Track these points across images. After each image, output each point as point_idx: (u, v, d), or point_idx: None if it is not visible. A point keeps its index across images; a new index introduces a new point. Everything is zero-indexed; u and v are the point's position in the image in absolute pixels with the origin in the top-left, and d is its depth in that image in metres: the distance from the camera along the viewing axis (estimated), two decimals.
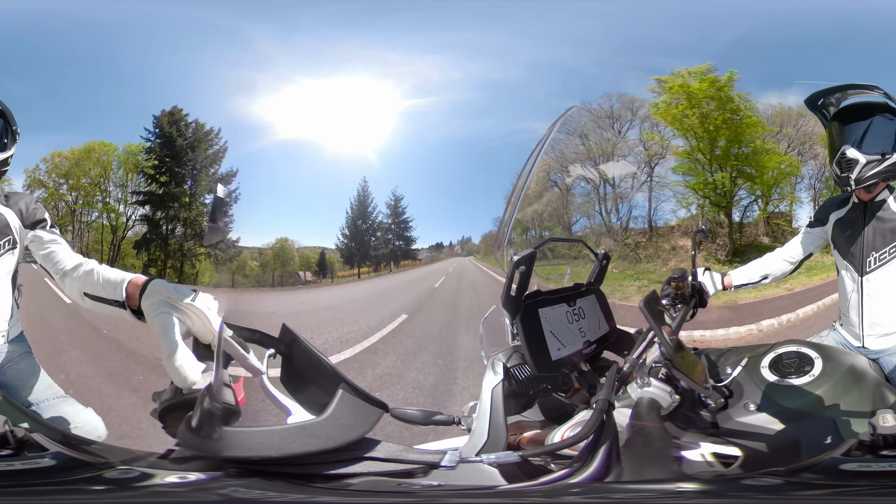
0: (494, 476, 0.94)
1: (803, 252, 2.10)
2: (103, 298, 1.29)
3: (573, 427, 1.16)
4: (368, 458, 0.93)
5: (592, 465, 0.91)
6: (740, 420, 1.16)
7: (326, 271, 13.70)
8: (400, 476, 0.93)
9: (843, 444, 0.95)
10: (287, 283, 12.53)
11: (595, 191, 10.21)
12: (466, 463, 0.95)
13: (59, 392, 1.81)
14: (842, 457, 0.92)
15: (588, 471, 0.91)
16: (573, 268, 1.63)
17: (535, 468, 1.00)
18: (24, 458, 0.94)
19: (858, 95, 1.84)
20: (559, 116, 1.89)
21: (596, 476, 0.90)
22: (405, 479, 0.93)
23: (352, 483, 0.91)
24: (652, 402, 1.13)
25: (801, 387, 1.19)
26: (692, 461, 1.08)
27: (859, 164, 1.78)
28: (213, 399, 0.87)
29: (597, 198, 10.24)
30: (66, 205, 11.30)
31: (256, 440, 0.88)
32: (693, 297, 1.61)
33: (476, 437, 1.03)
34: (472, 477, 0.94)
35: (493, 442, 1.02)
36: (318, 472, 0.91)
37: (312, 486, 0.89)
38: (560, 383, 1.33)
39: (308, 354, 1.14)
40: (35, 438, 0.98)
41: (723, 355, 1.35)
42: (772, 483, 0.93)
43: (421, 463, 0.94)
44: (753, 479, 0.97)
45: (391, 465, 0.93)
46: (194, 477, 0.91)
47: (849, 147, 1.79)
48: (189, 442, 0.88)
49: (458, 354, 5.17)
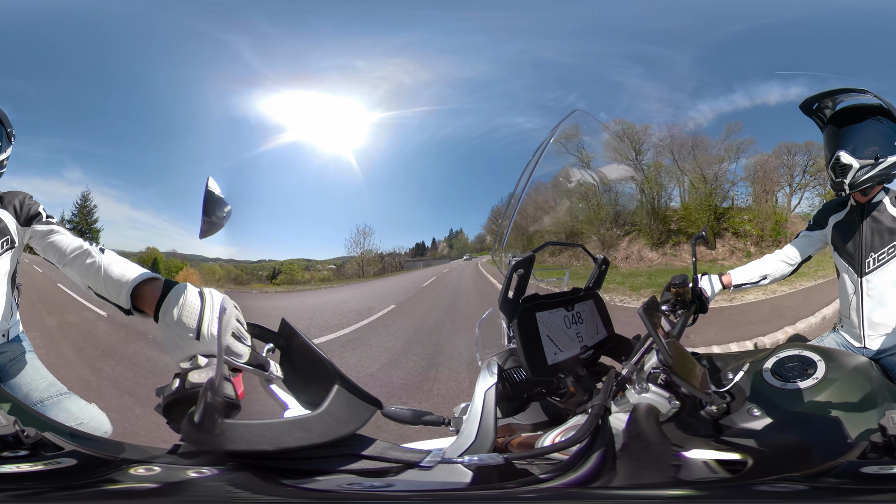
0: (465, 478, 0.93)
1: (802, 254, 2.10)
2: (108, 300, 1.28)
3: (565, 431, 1.14)
4: (354, 454, 0.94)
5: (580, 470, 0.90)
6: (744, 426, 1.15)
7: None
8: (375, 475, 0.93)
9: (856, 447, 0.94)
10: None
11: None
12: (446, 464, 0.95)
13: (62, 389, 1.81)
14: (858, 460, 0.91)
15: (572, 476, 0.90)
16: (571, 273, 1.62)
17: (515, 471, 0.98)
18: (45, 458, 0.93)
19: (852, 98, 1.85)
20: (561, 119, 1.88)
21: (578, 481, 0.89)
22: (376, 479, 0.93)
23: (324, 479, 0.91)
24: (650, 407, 1.11)
25: (806, 390, 1.18)
26: (694, 467, 1.07)
27: (853, 169, 1.80)
28: (214, 393, 0.87)
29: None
30: None
31: (256, 433, 0.88)
32: (693, 303, 1.59)
33: (463, 438, 1.02)
34: (444, 478, 0.94)
35: (479, 444, 1.01)
36: (303, 467, 0.91)
37: (284, 484, 0.89)
38: (555, 387, 1.32)
39: (306, 349, 1.15)
40: (48, 438, 0.97)
41: (724, 360, 1.34)
42: (792, 489, 0.91)
43: (401, 462, 0.94)
44: (769, 484, 0.95)
45: (374, 462, 0.93)
46: (209, 472, 0.91)
47: (842, 152, 1.81)
48: (193, 436, 0.88)
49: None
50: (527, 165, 1.55)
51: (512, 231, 1.44)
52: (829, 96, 1.88)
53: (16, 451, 0.91)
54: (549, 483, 0.90)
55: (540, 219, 1.95)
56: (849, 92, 1.85)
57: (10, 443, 0.91)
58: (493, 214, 11.20)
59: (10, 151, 1.88)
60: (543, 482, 0.90)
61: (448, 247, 13.65)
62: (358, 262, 12.96)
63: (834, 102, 1.89)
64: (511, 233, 1.45)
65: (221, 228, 1.17)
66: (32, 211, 1.82)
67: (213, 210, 1.15)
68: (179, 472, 0.93)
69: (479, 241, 13.11)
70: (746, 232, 9.93)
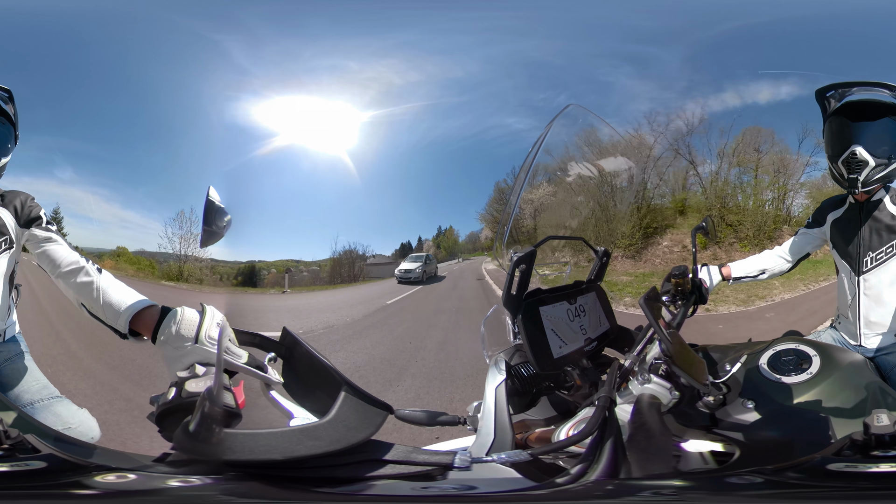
0: (512, 475, 0.93)
1: (800, 252, 2.12)
2: (102, 321, 1.29)
3: (577, 424, 1.16)
4: (376, 460, 0.93)
5: (601, 461, 0.91)
6: (738, 417, 1.16)
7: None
8: (415, 479, 0.92)
9: (835, 444, 0.94)
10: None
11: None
12: (479, 463, 0.94)
13: (54, 392, 1.81)
14: (831, 456, 0.90)
15: (599, 467, 0.90)
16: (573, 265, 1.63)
17: (547, 466, 1.00)
18: (14, 459, 0.92)
19: (869, 92, 1.81)
20: (556, 114, 1.89)
21: (608, 472, 0.90)
22: (422, 482, 0.91)
23: (363, 487, 0.90)
24: (652, 398, 1.13)
25: (799, 384, 1.19)
26: (691, 458, 1.09)
27: (868, 167, 1.77)
28: (213, 402, 0.86)
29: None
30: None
31: (260, 442, 0.87)
32: (693, 294, 1.61)
33: (483, 437, 1.03)
34: (491, 476, 0.93)
35: (500, 441, 1.02)
36: (323, 475, 0.90)
37: (317, 490, 0.88)
38: (562, 381, 1.34)
39: (309, 357, 1.14)
40: (28, 440, 0.97)
41: (721, 352, 1.35)
42: (752, 481, 0.92)
43: (433, 464, 0.93)
44: (738, 476, 0.96)
45: (402, 467, 0.92)
46: (196, 481, 0.89)
47: (859, 148, 1.77)
48: (186, 445, 0.87)
49: None
50: (524, 163, 1.57)
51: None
52: (850, 87, 1.82)
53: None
54: (586, 478, 0.90)
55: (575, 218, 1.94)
56: (877, 86, 1.79)
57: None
58: (496, 192, 10.49)
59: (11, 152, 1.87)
60: (582, 477, 0.90)
61: (435, 246, 11.19)
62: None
63: (842, 94, 1.84)
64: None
65: (222, 238, 1.18)
66: (33, 213, 1.81)
67: (213, 219, 1.16)
68: (157, 480, 0.92)
69: (472, 241, 11.25)
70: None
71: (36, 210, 1.83)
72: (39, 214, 1.82)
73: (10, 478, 0.90)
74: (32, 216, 1.81)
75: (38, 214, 1.82)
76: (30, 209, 1.82)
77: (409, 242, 10.59)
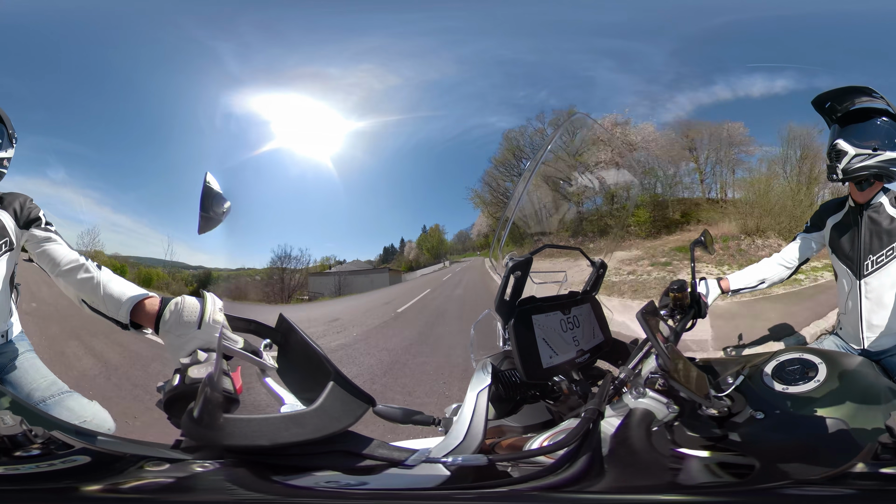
0: (440, 478, 0.93)
1: (800, 257, 2.09)
2: (104, 314, 1.31)
3: (554, 435, 1.13)
4: (344, 451, 0.94)
5: (562, 474, 0.89)
6: (747, 429, 1.13)
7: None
8: (357, 472, 0.93)
9: (866, 449, 0.92)
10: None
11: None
12: (428, 463, 0.95)
13: (63, 387, 1.82)
14: (873, 461, 0.89)
15: (552, 479, 0.89)
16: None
17: (496, 473, 0.98)
18: (54, 457, 0.92)
19: (865, 102, 1.84)
20: (562, 124, 1.88)
21: (558, 484, 0.88)
22: (353, 477, 0.93)
23: (306, 477, 0.91)
24: (645, 413, 1.10)
25: (808, 393, 1.16)
26: (696, 471, 1.05)
27: (847, 155, 1.79)
28: (213, 388, 0.87)
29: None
30: None
31: (253, 428, 0.89)
32: (692, 308, 1.58)
33: (450, 438, 1.01)
34: (420, 478, 0.94)
35: (466, 444, 1.00)
36: (295, 463, 0.92)
37: (273, 480, 0.89)
38: (549, 390, 1.30)
39: (304, 345, 1.15)
40: (56, 436, 0.96)
41: (721, 365, 1.32)
42: (817, 493, 0.90)
43: (386, 460, 0.95)
44: (785, 488, 0.94)
45: (361, 460, 0.94)
46: (209, 465, 0.91)
47: (840, 140, 1.81)
48: (192, 432, 0.89)
49: None
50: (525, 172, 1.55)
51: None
52: (841, 95, 1.86)
53: (28, 450, 0.91)
54: (526, 484, 0.89)
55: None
56: (860, 93, 1.83)
57: (20, 442, 0.90)
58: (504, 139, 9.92)
59: (11, 153, 1.88)
60: (520, 483, 0.90)
61: (417, 248, 9.83)
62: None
63: (844, 103, 1.87)
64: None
65: (219, 224, 1.18)
66: (32, 215, 1.84)
67: (210, 206, 1.16)
68: (187, 466, 0.94)
69: (462, 240, 10.32)
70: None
71: (35, 211, 1.85)
72: (38, 215, 1.85)
73: (60, 476, 0.90)
74: (32, 217, 1.83)
75: (37, 215, 1.84)
76: (29, 210, 1.84)
77: (393, 245, 9.45)
